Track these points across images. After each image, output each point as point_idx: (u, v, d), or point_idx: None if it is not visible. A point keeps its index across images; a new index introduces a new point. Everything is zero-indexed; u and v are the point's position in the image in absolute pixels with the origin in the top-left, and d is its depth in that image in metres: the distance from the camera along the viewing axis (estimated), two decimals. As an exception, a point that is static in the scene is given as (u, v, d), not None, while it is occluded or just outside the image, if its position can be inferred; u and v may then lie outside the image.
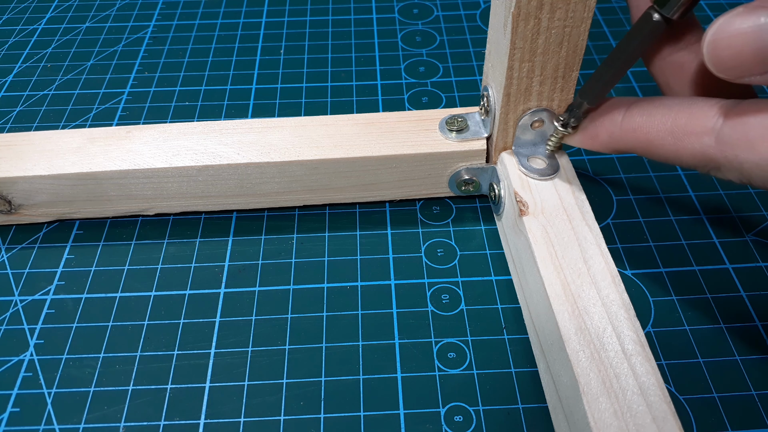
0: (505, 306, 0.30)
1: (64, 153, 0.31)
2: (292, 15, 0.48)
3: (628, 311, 0.24)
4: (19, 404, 0.27)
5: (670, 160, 0.23)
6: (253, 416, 0.26)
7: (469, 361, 0.28)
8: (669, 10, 0.22)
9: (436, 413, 0.26)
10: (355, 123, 0.32)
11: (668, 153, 0.23)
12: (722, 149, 0.21)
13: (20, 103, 0.41)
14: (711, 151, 0.21)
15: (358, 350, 0.28)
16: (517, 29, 0.25)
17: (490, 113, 0.29)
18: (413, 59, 0.43)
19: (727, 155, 0.21)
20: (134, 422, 0.26)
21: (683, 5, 0.22)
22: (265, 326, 0.29)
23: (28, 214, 0.32)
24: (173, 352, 0.28)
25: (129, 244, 0.33)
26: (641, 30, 0.23)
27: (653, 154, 0.23)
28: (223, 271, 0.31)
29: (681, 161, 0.22)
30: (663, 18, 0.22)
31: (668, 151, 0.23)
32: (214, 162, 0.30)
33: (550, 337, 0.25)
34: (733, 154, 0.20)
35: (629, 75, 0.41)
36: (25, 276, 0.31)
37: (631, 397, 0.22)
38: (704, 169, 0.22)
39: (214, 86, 0.42)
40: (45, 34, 0.46)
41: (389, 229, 0.33)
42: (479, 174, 0.32)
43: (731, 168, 0.21)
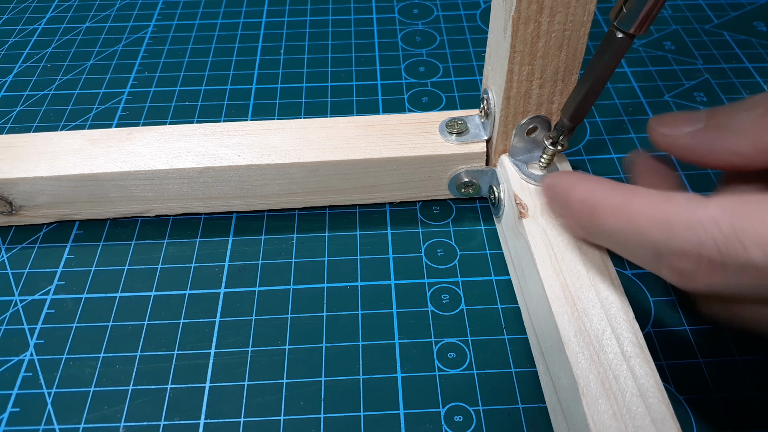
0: (505, 306, 0.30)
1: (65, 154, 0.31)
2: (292, 15, 0.48)
3: (627, 313, 0.24)
4: (19, 404, 0.27)
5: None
6: (253, 416, 0.26)
7: (469, 361, 0.28)
8: (629, 27, 0.23)
9: (436, 413, 0.26)
10: (356, 125, 0.32)
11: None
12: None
13: (20, 103, 0.41)
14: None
15: (358, 350, 0.28)
16: (517, 33, 0.25)
17: (490, 116, 0.30)
18: (413, 59, 0.43)
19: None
20: (134, 422, 0.26)
21: (642, 21, 0.22)
22: (265, 326, 0.29)
23: (29, 215, 0.32)
24: (173, 352, 0.28)
25: (129, 244, 0.33)
26: (607, 48, 0.24)
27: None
28: (223, 271, 0.31)
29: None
30: (626, 35, 0.23)
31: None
32: (215, 164, 0.30)
33: (549, 339, 0.25)
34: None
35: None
36: (25, 276, 0.31)
37: (630, 399, 0.22)
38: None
39: (214, 86, 0.42)
40: (45, 34, 0.46)
41: (389, 229, 0.33)
42: (479, 176, 0.32)
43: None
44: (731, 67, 0.42)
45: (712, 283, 0.19)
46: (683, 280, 0.20)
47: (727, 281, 0.19)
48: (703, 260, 0.19)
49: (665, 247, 0.19)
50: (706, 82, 0.41)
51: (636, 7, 0.22)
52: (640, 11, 0.22)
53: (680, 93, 0.40)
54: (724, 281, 0.19)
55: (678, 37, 0.44)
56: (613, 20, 0.23)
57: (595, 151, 0.37)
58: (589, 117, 0.39)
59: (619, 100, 0.40)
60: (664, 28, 0.45)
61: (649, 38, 0.44)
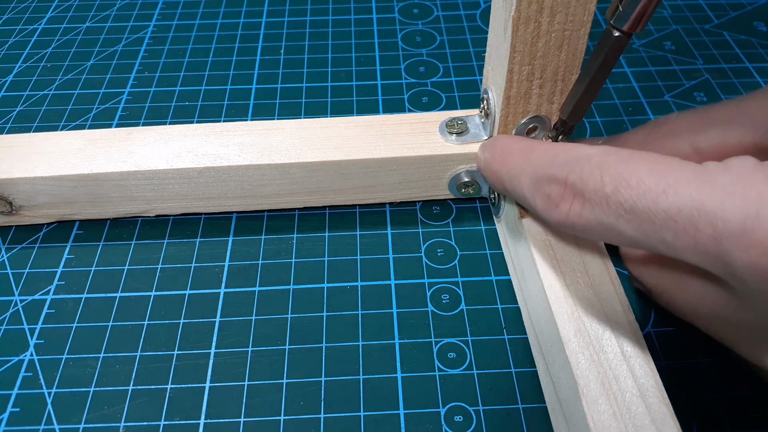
0: (505, 306, 0.30)
1: (65, 154, 0.31)
2: (292, 15, 0.48)
3: (627, 313, 0.24)
4: (19, 404, 0.27)
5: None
6: (253, 416, 0.26)
7: (469, 361, 0.28)
8: (624, 24, 0.23)
9: (436, 413, 0.26)
10: (356, 125, 0.32)
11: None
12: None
13: (20, 103, 0.41)
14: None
15: (358, 350, 0.28)
16: (517, 33, 0.25)
17: (490, 116, 0.30)
18: (413, 59, 0.43)
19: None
20: (134, 422, 0.26)
21: (637, 19, 0.23)
22: (265, 326, 0.29)
23: (29, 215, 0.32)
24: (173, 352, 0.28)
25: (129, 244, 0.33)
26: (604, 47, 0.24)
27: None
28: (223, 271, 0.31)
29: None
30: (622, 33, 0.23)
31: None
32: (215, 164, 0.30)
33: (549, 339, 0.25)
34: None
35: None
36: (25, 276, 0.31)
37: (630, 399, 0.22)
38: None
39: (214, 86, 0.42)
40: (45, 34, 0.46)
41: (389, 229, 0.33)
42: (479, 177, 0.32)
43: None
44: (731, 67, 0.42)
45: (572, 212, 0.21)
46: (549, 205, 0.22)
47: (584, 212, 0.20)
48: (568, 186, 0.21)
49: (543, 173, 0.22)
50: (706, 82, 0.41)
51: (631, 5, 0.22)
52: (635, 9, 0.22)
53: (680, 93, 0.40)
54: (582, 211, 0.21)
55: (678, 37, 0.44)
56: (609, 19, 0.23)
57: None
58: (589, 117, 0.39)
59: (619, 100, 0.40)
60: (664, 28, 0.45)
61: (649, 38, 0.44)
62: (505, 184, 0.26)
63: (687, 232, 0.18)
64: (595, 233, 0.21)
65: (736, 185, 0.17)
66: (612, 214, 0.20)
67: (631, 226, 0.19)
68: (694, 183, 0.18)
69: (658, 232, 0.18)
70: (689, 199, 0.18)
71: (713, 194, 0.17)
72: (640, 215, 0.19)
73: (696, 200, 0.18)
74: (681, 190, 0.18)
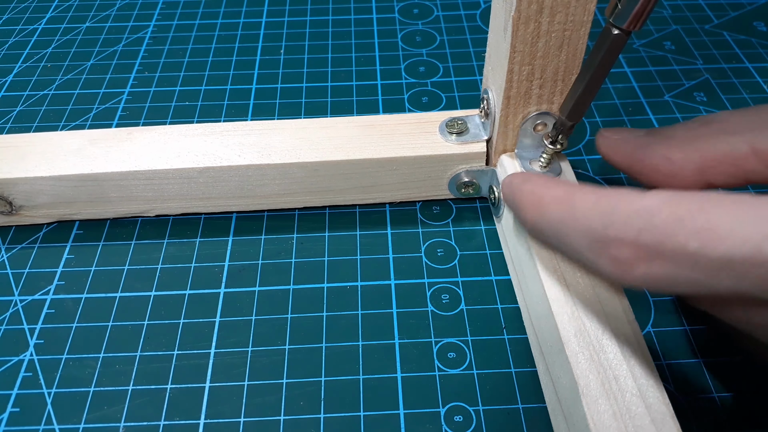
0: (505, 306, 0.30)
1: (65, 154, 0.31)
2: (292, 15, 0.48)
3: (627, 313, 0.24)
4: (19, 404, 0.27)
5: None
6: (253, 416, 0.26)
7: (469, 361, 0.28)
8: (623, 22, 0.23)
9: (436, 413, 0.26)
10: (356, 125, 0.32)
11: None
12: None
13: (20, 103, 0.41)
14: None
15: (358, 350, 0.28)
16: (518, 33, 0.25)
17: (490, 116, 0.30)
18: (413, 59, 0.43)
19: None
20: (134, 422, 0.26)
21: (636, 17, 0.22)
22: (265, 326, 0.29)
23: (28, 215, 0.32)
24: (173, 352, 0.28)
25: (129, 244, 0.33)
26: (603, 45, 0.24)
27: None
28: (223, 271, 0.31)
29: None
30: (621, 31, 0.23)
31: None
32: (215, 164, 0.30)
33: (549, 339, 0.25)
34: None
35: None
36: (25, 276, 0.31)
37: (630, 399, 0.22)
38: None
39: (214, 86, 0.42)
40: (45, 34, 0.46)
41: (389, 229, 0.33)
42: (479, 176, 0.32)
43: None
44: (731, 67, 0.42)
45: (650, 273, 0.19)
46: (621, 269, 0.19)
47: (665, 272, 0.18)
48: (641, 248, 0.19)
49: (604, 234, 0.19)
50: (706, 82, 0.41)
51: (630, 3, 0.22)
52: (634, 7, 0.22)
53: (680, 93, 0.40)
54: (662, 272, 0.18)
55: (678, 37, 0.44)
56: (608, 17, 0.23)
57: (595, 150, 0.36)
58: (589, 117, 0.39)
59: (619, 100, 0.40)
60: (664, 28, 0.45)
61: (649, 38, 0.44)
62: (549, 240, 0.23)
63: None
64: (683, 290, 0.19)
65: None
66: (702, 271, 0.17)
67: (729, 279, 0.17)
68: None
69: (765, 280, 0.17)
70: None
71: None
72: (739, 268, 0.17)
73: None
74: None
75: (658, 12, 0.46)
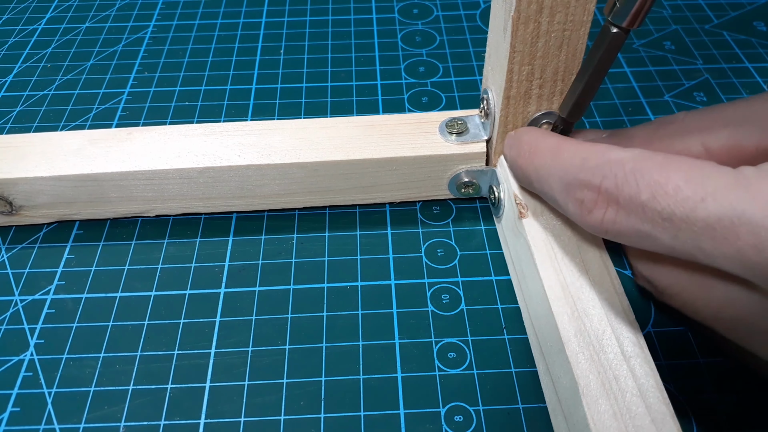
0: (505, 306, 0.30)
1: (65, 154, 0.31)
2: (292, 15, 0.48)
3: (627, 313, 0.24)
4: (19, 404, 0.27)
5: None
6: (253, 416, 0.26)
7: (469, 361, 0.28)
8: (622, 21, 0.23)
9: (436, 413, 0.26)
10: (356, 125, 0.32)
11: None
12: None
13: (20, 103, 0.41)
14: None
15: (358, 350, 0.28)
16: (517, 33, 0.25)
17: (490, 116, 0.30)
18: (413, 59, 0.43)
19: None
20: (134, 422, 0.26)
21: (635, 15, 0.23)
22: (265, 326, 0.29)
23: (28, 215, 0.32)
24: (173, 352, 0.28)
25: (129, 244, 0.33)
26: (602, 43, 0.24)
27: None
28: (223, 271, 0.31)
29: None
30: (620, 29, 0.23)
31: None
32: (215, 164, 0.30)
33: (549, 339, 0.25)
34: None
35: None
36: (25, 276, 0.31)
37: (630, 399, 0.22)
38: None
39: (214, 86, 0.42)
40: (45, 34, 0.46)
41: (389, 229, 0.33)
42: (479, 176, 0.32)
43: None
44: (731, 67, 0.42)
45: (606, 218, 0.21)
46: (582, 210, 0.22)
47: (618, 219, 0.20)
48: (602, 193, 0.21)
49: (574, 177, 0.22)
50: (706, 82, 0.41)
51: (629, 2, 0.22)
52: (633, 5, 0.22)
53: (680, 93, 0.40)
54: (616, 218, 0.20)
55: (678, 37, 0.44)
56: (606, 15, 0.23)
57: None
58: (589, 117, 0.39)
59: (619, 100, 0.40)
60: (664, 28, 0.45)
61: (649, 38, 0.44)
62: (533, 183, 0.25)
63: (727, 241, 0.17)
64: (629, 239, 0.21)
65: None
66: (648, 222, 0.19)
67: (667, 234, 0.19)
68: (734, 191, 0.18)
69: (697, 241, 0.18)
70: (729, 208, 0.17)
71: (754, 202, 0.17)
72: (678, 224, 0.18)
73: (737, 208, 0.17)
74: (720, 198, 0.18)
75: (658, 12, 0.46)
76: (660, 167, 0.19)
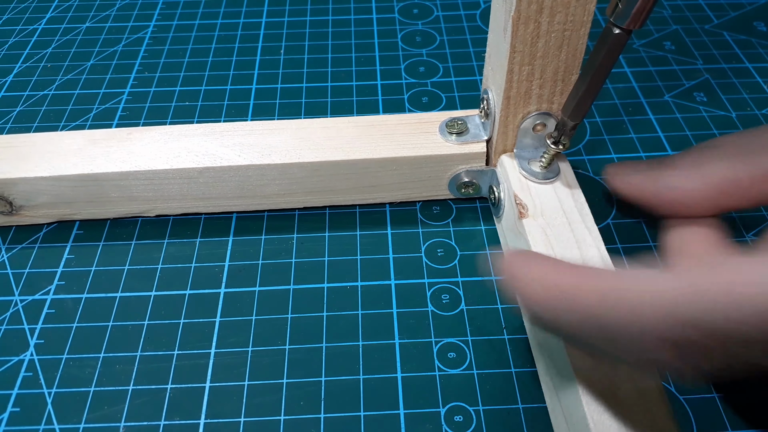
0: (505, 306, 0.30)
1: (65, 154, 0.31)
2: (292, 15, 0.48)
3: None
4: (19, 404, 0.27)
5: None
6: (253, 416, 0.26)
7: (469, 361, 0.28)
8: (624, 22, 0.23)
9: (436, 413, 0.26)
10: (356, 125, 0.32)
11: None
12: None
13: (20, 103, 0.41)
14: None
15: (358, 350, 0.28)
16: (517, 33, 0.25)
17: (490, 116, 0.30)
18: (413, 59, 0.44)
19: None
20: (134, 422, 0.26)
21: (636, 15, 0.23)
22: (265, 326, 0.29)
23: (29, 215, 0.32)
24: (173, 352, 0.28)
25: (129, 244, 0.33)
26: (604, 44, 0.24)
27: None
28: (223, 271, 0.31)
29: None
30: (622, 30, 0.23)
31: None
32: (215, 164, 0.30)
33: (549, 339, 0.25)
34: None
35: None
36: (25, 276, 0.31)
37: (630, 399, 0.22)
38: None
39: (214, 86, 0.42)
40: (45, 34, 0.46)
41: (389, 229, 0.33)
42: (479, 176, 0.32)
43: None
44: (731, 67, 0.42)
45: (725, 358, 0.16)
46: (695, 360, 0.17)
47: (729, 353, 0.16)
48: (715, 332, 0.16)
49: (673, 322, 0.16)
50: (706, 82, 0.41)
51: (631, 2, 0.22)
52: (634, 6, 0.22)
53: (680, 93, 0.40)
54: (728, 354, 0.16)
55: (678, 37, 0.44)
56: (609, 16, 0.23)
57: (595, 151, 0.37)
58: (589, 117, 0.39)
59: (619, 100, 0.40)
60: (664, 28, 0.45)
61: (649, 38, 0.44)
62: (578, 332, 0.20)
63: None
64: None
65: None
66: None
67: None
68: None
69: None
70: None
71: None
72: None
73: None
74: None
75: (658, 12, 0.46)
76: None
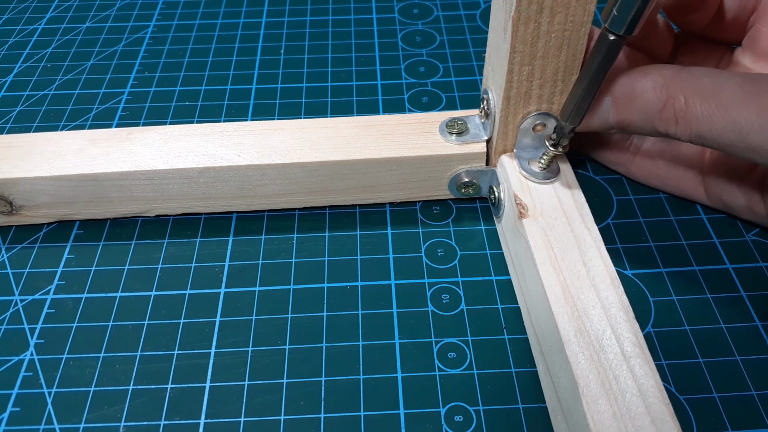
0: (505, 306, 0.30)
1: (66, 154, 0.31)
2: (292, 15, 0.48)
3: (627, 313, 0.24)
4: (19, 404, 0.27)
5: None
6: (253, 416, 0.26)
7: (469, 361, 0.28)
8: (619, 28, 0.23)
9: (436, 413, 0.26)
10: (356, 125, 0.32)
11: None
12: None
13: (20, 103, 0.41)
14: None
15: (358, 350, 0.28)
16: (517, 33, 0.25)
17: (490, 116, 0.30)
18: (413, 59, 0.44)
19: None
20: (134, 422, 0.26)
21: (631, 23, 0.23)
22: (265, 326, 0.29)
23: (29, 215, 0.32)
24: (173, 352, 0.28)
25: (129, 244, 0.33)
26: (600, 50, 0.24)
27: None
28: (223, 271, 0.31)
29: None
30: (617, 37, 0.23)
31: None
32: (215, 164, 0.30)
33: (549, 339, 0.25)
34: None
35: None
36: (25, 276, 0.31)
37: (630, 399, 0.22)
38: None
39: (214, 86, 0.42)
40: (45, 34, 0.46)
41: (389, 229, 0.33)
42: (479, 177, 0.32)
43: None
44: (731, 67, 0.41)
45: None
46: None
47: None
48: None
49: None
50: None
51: (626, 10, 0.22)
52: (629, 13, 0.22)
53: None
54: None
55: (678, 37, 0.44)
56: (604, 22, 0.23)
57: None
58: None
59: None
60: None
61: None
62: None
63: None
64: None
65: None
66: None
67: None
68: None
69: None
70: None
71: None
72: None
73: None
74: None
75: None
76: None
